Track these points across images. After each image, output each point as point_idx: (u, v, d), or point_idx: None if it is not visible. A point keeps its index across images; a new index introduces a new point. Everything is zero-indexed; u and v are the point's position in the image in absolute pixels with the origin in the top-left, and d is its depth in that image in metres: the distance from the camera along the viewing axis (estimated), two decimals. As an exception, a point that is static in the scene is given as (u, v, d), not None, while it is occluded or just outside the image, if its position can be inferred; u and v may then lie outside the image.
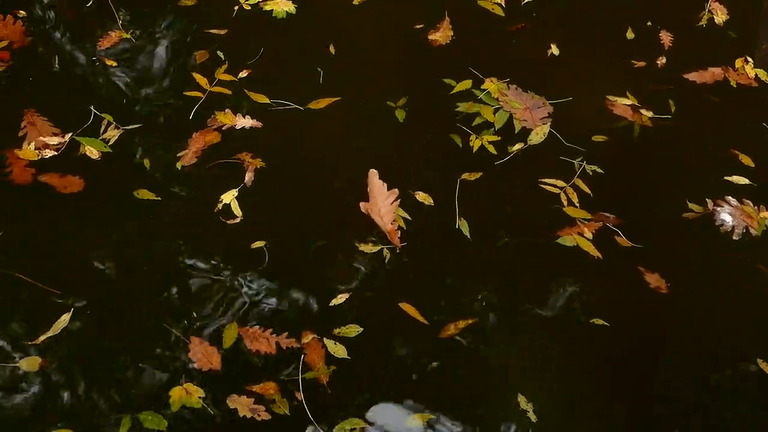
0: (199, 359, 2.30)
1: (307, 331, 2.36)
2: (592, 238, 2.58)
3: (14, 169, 2.71)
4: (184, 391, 2.24)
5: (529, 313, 2.45)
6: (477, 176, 2.75)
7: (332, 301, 2.44)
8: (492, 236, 2.61)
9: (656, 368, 2.37)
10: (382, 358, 2.35)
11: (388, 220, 2.63)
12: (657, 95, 2.99)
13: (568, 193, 2.70)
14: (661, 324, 2.46)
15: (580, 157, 2.79)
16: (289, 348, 2.33)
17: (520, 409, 2.24)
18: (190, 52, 3.13)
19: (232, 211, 2.64)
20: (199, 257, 2.54)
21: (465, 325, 2.39)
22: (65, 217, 2.61)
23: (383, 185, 2.69)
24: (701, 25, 3.22)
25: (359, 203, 2.67)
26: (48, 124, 2.85)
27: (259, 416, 2.20)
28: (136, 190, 2.66)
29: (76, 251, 2.53)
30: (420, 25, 3.22)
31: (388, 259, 2.54)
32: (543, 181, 2.73)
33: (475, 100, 2.95)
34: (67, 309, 2.38)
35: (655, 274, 2.52)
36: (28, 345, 2.31)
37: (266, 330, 2.36)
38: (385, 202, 2.66)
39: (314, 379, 2.28)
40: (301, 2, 3.30)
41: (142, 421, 2.18)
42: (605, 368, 2.36)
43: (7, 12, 3.23)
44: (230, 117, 2.88)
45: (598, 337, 2.39)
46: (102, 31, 3.20)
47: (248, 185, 2.72)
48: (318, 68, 3.06)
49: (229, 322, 2.39)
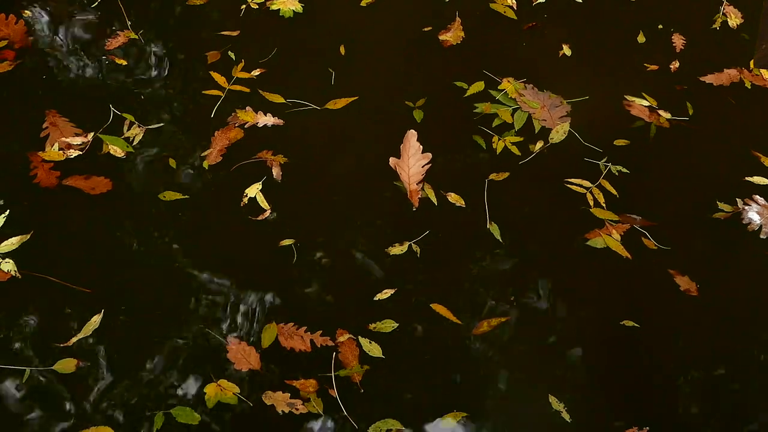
0: (238, 360, 2.31)
1: (342, 329, 2.38)
2: (620, 239, 2.59)
3: (39, 173, 2.70)
4: (219, 388, 2.25)
5: (560, 313, 2.46)
6: (504, 176, 2.76)
7: (377, 295, 2.46)
8: (522, 237, 2.62)
9: (687, 369, 2.38)
10: (415, 356, 2.36)
11: (414, 180, 2.68)
12: (673, 97, 3.00)
13: (594, 194, 2.71)
14: (692, 326, 2.47)
15: (605, 158, 2.81)
16: (323, 346, 2.34)
17: (553, 410, 2.26)
18: (200, 51, 3.13)
19: (259, 205, 2.65)
20: (230, 255, 2.55)
21: (497, 323, 2.41)
22: (95, 218, 2.61)
23: (420, 147, 2.73)
24: (715, 27, 3.24)
25: (390, 160, 2.74)
26: (70, 124, 2.84)
27: (297, 410, 2.21)
28: (162, 193, 2.66)
29: (106, 252, 2.54)
30: (428, 28, 3.22)
31: (419, 257, 2.55)
32: (569, 181, 2.74)
33: (493, 100, 2.96)
34: (98, 310, 2.39)
35: (685, 276, 2.54)
36: (61, 347, 2.31)
37: (300, 328, 2.37)
38: (417, 163, 2.71)
39: (347, 378, 2.29)
40: (308, 1, 3.30)
41: (175, 417, 2.20)
42: (636, 369, 2.37)
43: (12, 12, 3.22)
44: (251, 115, 2.89)
45: (629, 339, 2.41)
46: (110, 30, 3.20)
47: (278, 180, 2.73)
48: (330, 68, 3.07)
49: (264, 320, 2.40)
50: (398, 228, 2.62)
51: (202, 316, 2.42)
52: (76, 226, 2.59)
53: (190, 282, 2.48)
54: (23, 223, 2.56)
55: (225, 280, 2.50)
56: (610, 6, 3.36)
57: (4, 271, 2.42)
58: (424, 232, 2.61)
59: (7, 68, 3.05)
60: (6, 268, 2.42)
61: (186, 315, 2.41)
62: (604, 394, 2.32)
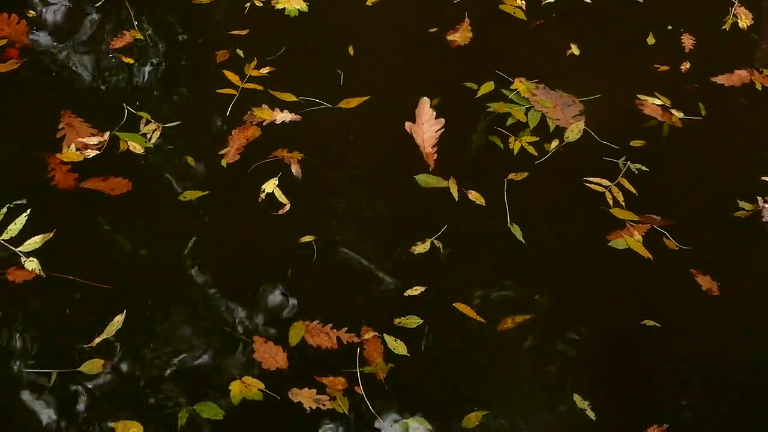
0: (265, 359, 2.31)
1: (367, 326, 2.39)
2: (642, 240, 2.61)
3: (57, 175, 2.69)
4: (243, 385, 2.26)
5: (581, 313, 2.47)
6: (523, 176, 2.77)
7: (407, 291, 2.47)
8: (543, 236, 2.63)
9: (708, 368, 2.39)
10: (438, 354, 2.37)
11: (429, 144, 2.81)
12: (684, 97, 3.02)
13: (614, 193, 2.72)
14: (713, 325, 2.48)
15: (623, 157, 2.83)
16: (349, 343, 2.35)
17: (578, 409, 2.28)
18: (207, 50, 3.13)
19: (278, 200, 2.67)
20: (252, 252, 2.56)
21: (522, 320, 2.42)
22: (115, 217, 2.61)
23: (432, 113, 2.86)
24: (724, 29, 3.26)
25: (405, 124, 2.84)
26: (86, 124, 2.84)
27: (324, 405, 2.23)
28: (183, 194, 2.67)
29: (127, 251, 2.54)
30: (434, 29, 3.23)
31: (442, 255, 2.57)
32: (588, 180, 2.76)
33: (505, 100, 2.98)
34: (120, 309, 2.39)
35: (707, 276, 2.55)
36: (85, 348, 2.31)
37: (326, 325, 2.38)
38: (431, 128, 2.85)
39: (371, 374, 2.30)
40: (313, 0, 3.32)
41: (199, 412, 2.21)
42: (658, 368, 2.38)
43: (15, 11, 3.21)
44: (268, 112, 2.90)
45: (650, 338, 2.42)
46: (116, 30, 3.20)
47: (298, 177, 2.74)
48: (338, 68, 3.08)
49: (289, 317, 2.41)
50: (419, 225, 2.63)
51: (226, 314, 2.42)
52: (97, 226, 2.59)
53: (212, 280, 2.49)
54: (44, 222, 2.55)
55: (247, 277, 2.51)
56: (618, 6, 3.38)
57: (29, 269, 2.42)
58: (447, 230, 2.62)
59: (13, 66, 3.04)
60: (30, 266, 2.42)
61: (209, 313, 2.42)
62: (625, 392, 2.33)
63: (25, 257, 2.44)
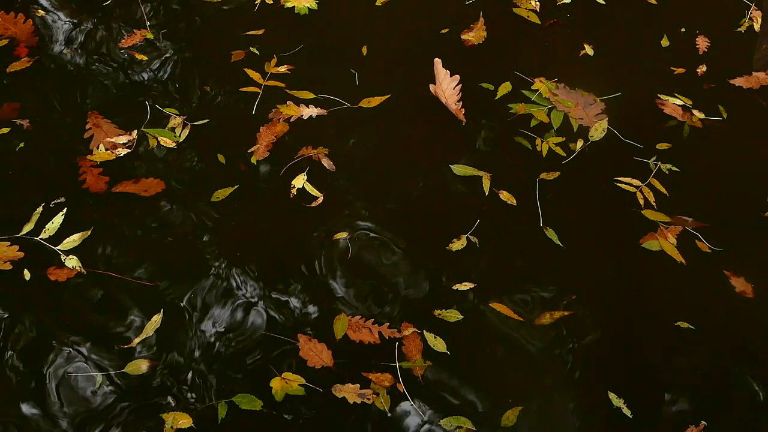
0: (310, 357, 2.33)
1: (407, 322, 2.41)
2: (676, 243, 2.61)
3: (88, 178, 2.69)
4: (284, 381, 2.28)
5: (616, 314, 2.48)
6: (555, 175, 2.78)
7: (455, 285, 2.49)
8: (575, 236, 2.63)
9: (744, 369, 2.39)
10: (476, 351, 2.39)
11: (453, 101, 2.99)
12: (703, 98, 3.03)
13: (645, 193, 2.73)
14: (747, 328, 2.48)
15: (653, 157, 2.84)
16: (391, 338, 2.37)
17: (614, 406, 2.29)
18: (220, 49, 3.15)
19: (309, 194, 2.69)
20: (289, 247, 2.58)
21: (560, 315, 2.44)
22: (151, 217, 2.63)
23: (447, 72, 3.02)
24: (740, 31, 3.28)
25: (429, 86, 3.00)
26: (113, 124, 2.85)
27: (369, 400, 2.25)
28: (216, 192, 2.68)
29: (164, 249, 2.56)
30: (445, 30, 3.25)
31: (477, 250, 2.59)
32: (618, 180, 2.77)
33: (524, 100, 2.99)
34: (158, 307, 2.41)
35: (741, 278, 2.54)
36: (125, 349, 2.33)
37: (368, 320, 2.40)
38: (449, 86, 3.01)
39: (408, 370, 2.32)
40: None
41: (238, 404, 2.24)
42: (692, 370, 2.39)
43: (23, 10, 3.23)
44: (294, 108, 2.92)
45: (684, 340, 2.43)
46: (126, 29, 3.21)
47: (330, 169, 2.77)
48: (352, 67, 3.09)
49: (331, 313, 2.43)
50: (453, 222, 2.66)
51: (264, 311, 2.44)
52: (131, 226, 2.60)
53: (250, 276, 2.51)
54: (80, 221, 2.57)
55: (285, 272, 2.53)
56: (632, 8, 3.38)
57: (69, 267, 2.42)
58: (480, 227, 2.64)
59: (26, 65, 3.04)
60: (71, 264, 2.42)
61: (254, 312, 2.44)
62: (661, 392, 2.34)
63: (65, 255, 2.45)
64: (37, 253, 2.48)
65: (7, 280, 2.43)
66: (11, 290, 2.42)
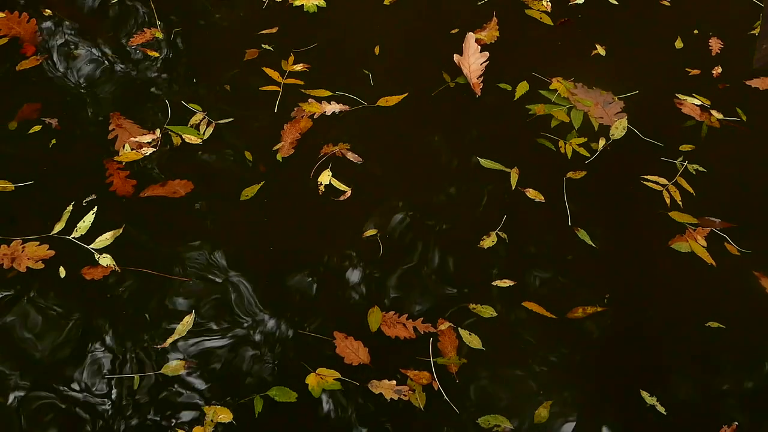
0: (347, 354, 2.33)
1: (443, 318, 2.43)
2: (706, 245, 2.62)
3: (115, 180, 2.68)
4: (319, 377, 2.28)
5: (647, 313, 2.49)
6: (581, 175, 2.79)
7: (495, 281, 2.50)
8: (603, 234, 2.64)
9: None
10: (509, 347, 2.40)
11: (475, 75, 3.06)
12: (719, 98, 3.04)
13: (671, 192, 2.74)
14: None
15: (681, 158, 2.84)
16: (426, 333, 2.38)
17: (647, 405, 2.30)
18: (234, 47, 3.15)
19: (337, 189, 2.71)
20: (319, 243, 2.59)
21: (593, 311, 2.45)
22: (181, 216, 2.63)
23: (478, 47, 3.10)
24: (753, 34, 3.29)
25: (454, 56, 3.02)
26: (135, 124, 2.84)
27: (405, 396, 2.26)
28: (244, 190, 2.69)
29: (195, 247, 2.56)
30: (455, 30, 3.25)
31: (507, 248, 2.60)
32: (645, 178, 2.78)
33: (542, 100, 3.00)
34: (192, 304, 2.42)
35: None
36: (158, 349, 2.34)
37: (402, 315, 2.41)
38: (477, 60, 3.09)
39: (443, 366, 2.33)
40: (329, -4, 3.35)
41: (273, 397, 2.25)
42: (723, 369, 2.40)
43: (30, 10, 3.24)
44: (316, 105, 2.94)
45: (715, 339, 2.44)
46: (135, 27, 3.22)
47: (357, 163, 2.79)
48: (365, 67, 3.11)
49: (366, 307, 2.44)
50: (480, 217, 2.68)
51: (298, 307, 2.45)
52: (160, 225, 2.61)
53: (284, 273, 2.52)
54: (110, 220, 2.57)
55: (317, 269, 2.53)
56: (645, 8, 3.40)
57: (104, 265, 2.42)
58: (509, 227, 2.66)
59: (35, 63, 3.03)
60: (105, 262, 2.42)
61: (287, 311, 2.45)
62: (692, 391, 2.35)
63: (98, 254, 2.45)
64: (68, 252, 2.47)
65: (42, 279, 2.42)
66: (47, 289, 2.41)
